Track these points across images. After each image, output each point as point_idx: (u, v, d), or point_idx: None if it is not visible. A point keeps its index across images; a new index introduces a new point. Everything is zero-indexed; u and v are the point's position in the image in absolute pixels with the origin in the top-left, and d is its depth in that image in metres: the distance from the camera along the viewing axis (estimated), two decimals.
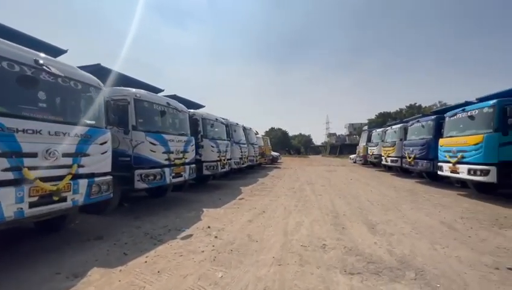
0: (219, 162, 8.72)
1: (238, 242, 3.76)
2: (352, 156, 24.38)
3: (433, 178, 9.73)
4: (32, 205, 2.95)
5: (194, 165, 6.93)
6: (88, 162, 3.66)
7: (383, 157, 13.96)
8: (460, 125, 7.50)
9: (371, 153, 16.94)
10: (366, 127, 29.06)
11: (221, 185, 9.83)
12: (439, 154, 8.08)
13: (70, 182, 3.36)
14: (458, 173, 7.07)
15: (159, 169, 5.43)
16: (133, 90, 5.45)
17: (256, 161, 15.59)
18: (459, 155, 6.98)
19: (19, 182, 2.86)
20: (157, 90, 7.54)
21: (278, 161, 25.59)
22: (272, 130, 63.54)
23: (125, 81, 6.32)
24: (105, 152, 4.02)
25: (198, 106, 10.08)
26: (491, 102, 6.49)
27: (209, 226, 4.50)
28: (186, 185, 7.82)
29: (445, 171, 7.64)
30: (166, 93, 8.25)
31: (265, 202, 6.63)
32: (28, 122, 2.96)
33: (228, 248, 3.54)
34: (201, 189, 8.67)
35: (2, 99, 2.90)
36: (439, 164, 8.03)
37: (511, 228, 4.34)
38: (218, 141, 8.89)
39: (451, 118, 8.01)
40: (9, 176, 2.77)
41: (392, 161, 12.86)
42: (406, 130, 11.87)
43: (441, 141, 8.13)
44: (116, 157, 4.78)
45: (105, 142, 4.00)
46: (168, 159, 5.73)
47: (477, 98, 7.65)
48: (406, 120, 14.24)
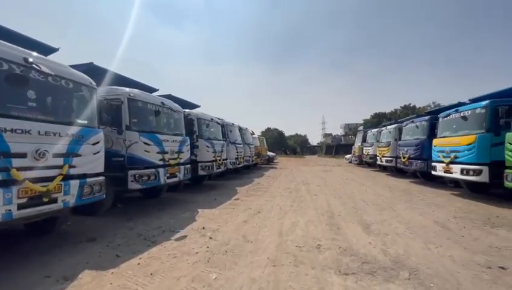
0: (214, 163, 8.67)
1: (232, 243, 3.73)
2: (347, 156, 24.53)
3: (427, 178, 9.82)
4: (21, 207, 2.88)
5: (189, 165, 6.88)
6: (80, 163, 3.59)
7: (378, 158, 14.07)
8: (454, 126, 7.59)
9: (366, 153, 17.06)
10: (361, 128, 29.33)
11: (217, 185, 9.78)
12: (433, 155, 8.16)
13: (61, 183, 3.29)
14: (451, 173, 7.15)
15: (153, 169, 5.37)
16: (127, 89, 5.38)
17: (252, 161, 15.58)
18: (453, 155, 7.06)
19: (7, 183, 2.78)
20: (151, 90, 7.46)
21: (274, 161, 25.63)
22: (268, 130, 63.68)
23: (119, 80, 6.23)
24: (98, 152, 3.95)
25: (194, 105, 10.02)
26: (484, 103, 6.58)
27: (203, 227, 4.47)
28: (181, 185, 7.76)
29: (439, 171, 7.73)
30: (161, 92, 8.18)
31: (260, 202, 6.61)
32: (17, 122, 2.89)
33: (223, 249, 3.51)
34: (197, 189, 8.61)
35: None
36: (433, 164, 8.12)
37: (503, 227, 4.40)
38: (213, 141, 8.84)
39: (444, 119, 8.10)
40: None
41: (386, 161, 12.96)
42: (400, 131, 11.98)
43: (434, 141, 8.22)
44: (109, 158, 4.71)
45: (97, 142, 3.94)
46: (162, 160, 5.68)
47: (470, 99, 7.75)
48: (400, 120, 14.38)
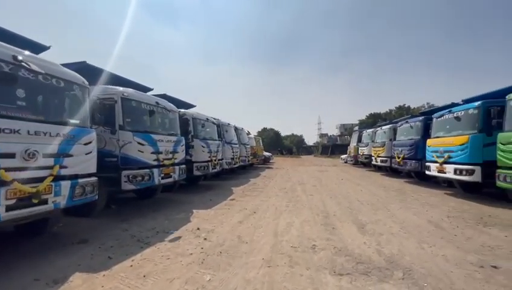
0: (210, 163, 8.62)
1: (227, 244, 3.70)
2: (343, 156, 24.68)
3: (421, 178, 9.92)
4: (9, 208, 2.81)
5: (184, 165, 6.82)
6: (71, 163, 3.52)
7: (373, 158, 14.16)
8: (447, 126, 7.68)
9: (361, 153, 17.17)
10: (356, 128, 29.55)
11: (213, 185, 9.73)
12: (427, 155, 8.24)
13: (52, 183, 3.22)
14: (445, 173, 7.23)
15: (147, 170, 5.31)
16: (120, 88, 5.31)
17: (248, 161, 15.54)
18: (446, 155, 7.14)
19: None
20: (146, 89, 7.39)
21: (270, 161, 25.63)
22: (264, 130, 63.71)
23: (113, 79, 6.13)
24: (90, 152, 3.88)
25: (189, 105, 9.95)
26: (476, 104, 6.67)
27: (198, 228, 4.43)
28: (176, 186, 7.70)
29: (433, 171, 7.81)
30: (156, 92, 8.11)
31: (256, 202, 6.59)
32: (5, 121, 2.80)
33: (217, 250, 3.48)
34: (192, 190, 8.55)
35: None
36: (427, 163, 8.20)
37: (495, 226, 4.46)
38: (209, 141, 8.79)
39: (438, 119, 8.19)
40: None
41: (381, 161, 13.06)
42: (395, 131, 12.08)
43: (428, 142, 8.30)
44: (102, 158, 4.64)
45: (90, 142, 3.87)
46: (156, 160, 5.61)
47: (463, 100, 7.86)
48: (395, 121, 14.51)
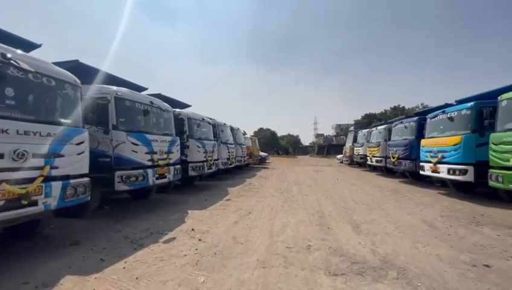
0: (205, 163, 8.57)
1: (222, 245, 3.67)
2: (339, 157, 24.80)
3: (415, 178, 10.01)
4: None
5: (179, 165, 6.77)
6: (62, 163, 3.45)
7: (368, 158, 14.26)
8: (441, 127, 7.76)
9: (356, 153, 17.27)
10: (352, 128, 29.69)
11: (208, 186, 9.68)
12: (421, 155, 8.32)
13: (42, 184, 3.15)
14: (439, 173, 7.31)
15: (141, 170, 5.25)
16: (114, 88, 5.24)
17: (244, 162, 15.52)
18: (440, 155, 7.22)
19: None
20: (140, 89, 7.31)
21: (266, 161, 25.63)
22: (261, 130, 63.68)
23: (106, 79, 6.05)
24: (82, 153, 3.81)
25: (184, 105, 9.88)
26: (469, 104, 6.75)
27: (193, 229, 4.39)
28: (171, 186, 7.64)
29: (427, 170, 7.88)
30: (153, 92, 8.03)
31: (252, 202, 6.57)
32: None
33: (212, 251, 3.45)
34: (187, 190, 8.49)
35: None
36: (421, 163, 8.28)
37: (487, 225, 4.51)
38: (204, 141, 8.74)
39: (432, 120, 8.27)
40: None
41: (376, 161, 13.15)
42: (390, 131, 12.17)
43: (422, 142, 8.38)
44: (95, 158, 4.58)
45: (82, 142, 3.80)
46: (151, 160, 5.55)
47: (456, 101, 7.95)
48: (390, 121, 14.62)
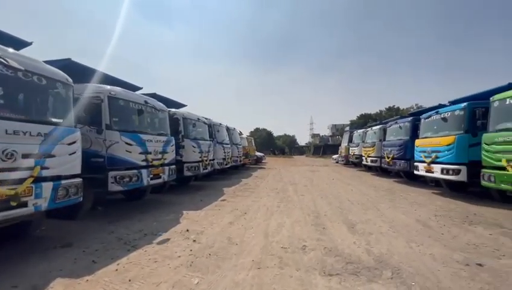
0: (201, 163, 8.52)
1: (217, 245, 3.64)
2: (334, 157, 24.92)
3: (410, 177, 10.12)
4: None
5: (174, 166, 6.71)
6: (53, 164, 3.38)
7: (363, 158, 14.36)
8: (435, 127, 7.85)
9: (352, 153, 17.38)
10: (348, 128, 29.88)
11: (204, 186, 9.62)
12: (415, 155, 8.40)
13: (32, 185, 3.08)
14: (433, 173, 7.39)
15: (135, 170, 5.18)
16: (108, 87, 5.16)
17: (240, 162, 15.48)
18: (434, 155, 7.30)
19: None
20: (135, 88, 7.23)
21: (263, 162, 25.63)
22: (257, 130, 63.75)
23: (100, 78, 5.96)
24: (74, 153, 3.75)
25: (180, 105, 9.81)
26: (462, 105, 6.84)
27: (187, 230, 4.34)
28: (166, 186, 7.58)
29: (421, 170, 7.96)
30: (149, 91, 7.94)
31: (247, 203, 6.55)
32: None
33: (206, 252, 3.41)
34: (183, 190, 8.42)
35: None
36: (415, 163, 8.36)
37: (480, 224, 4.57)
38: (200, 141, 8.68)
39: (426, 120, 8.36)
40: None
41: (372, 161, 13.25)
42: (385, 131, 12.27)
43: (416, 142, 8.47)
44: (88, 158, 4.51)
45: (74, 142, 3.73)
46: (145, 160, 5.49)
47: (450, 101, 8.05)
48: (385, 121, 14.76)
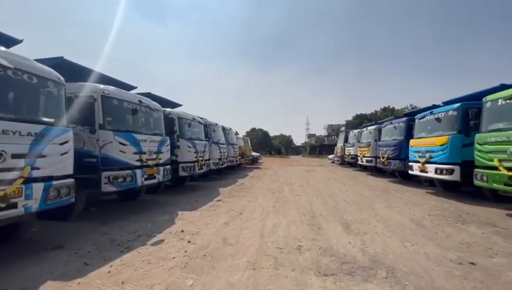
0: (196, 163, 8.46)
1: (212, 246, 3.61)
2: (330, 157, 25.06)
3: (404, 177, 10.20)
4: None
5: (169, 166, 6.64)
6: (44, 164, 3.31)
7: (359, 158, 14.43)
8: (429, 127, 7.93)
9: (347, 153, 17.48)
10: (343, 128, 30.03)
11: (199, 186, 9.56)
12: (410, 155, 8.48)
13: (22, 186, 3.01)
14: (427, 172, 7.46)
15: (129, 171, 5.11)
16: (101, 86, 5.09)
17: (236, 162, 15.44)
18: (428, 155, 7.37)
19: None
20: (129, 88, 7.13)
21: (259, 162, 25.59)
22: (253, 130, 63.63)
23: (93, 77, 5.87)
24: (66, 153, 3.68)
25: (175, 104, 9.74)
26: (455, 105, 6.92)
27: (182, 230, 4.30)
28: (161, 187, 7.51)
29: (415, 170, 8.04)
30: (143, 91, 7.85)
31: (243, 203, 6.52)
32: None
33: (201, 253, 3.38)
34: (178, 191, 8.35)
35: None
36: (410, 163, 8.43)
37: (473, 223, 4.63)
38: (195, 141, 8.63)
39: (420, 120, 8.44)
40: None
41: (367, 161, 13.34)
42: (380, 131, 12.36)
43: (411, 142, 8.54)
44: (80, 159, 4.43)
45: (65, 142, 3.66)
46: (139, 160, 5.42)
47: (443, 102, 8.14)
48: (380, 122, 14.86)
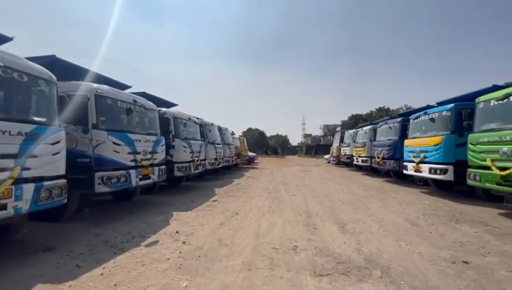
0: (192, 163, 8.41)
1: (207, 247, 3.58)
2: (326, 156, 25.16)
3: (399, 177, 10.28)
4: None
5: (164, 166, 6.58)
6: (35, 165, 3.25)
7: (354, 158, 14.52)
8: (423, 127, 8.01)
9: (343, 153, 17.57)
10: (339, 128, 30.20)
11: (195, 186, 9.51)
12: (404, 155, 8.55)
13: (12, 187, 2.94)
14: (421, 172, 7.53)
15: (123, 171, 5.05)
16: (95, 85, 5.02)
17: (232, 162, 15.40)
18: (422, 155, 7.44)
19: None
20: (124, 87, 7.04)
21: (255, 162, 25.60)
22: (249, 130, 63.67)
23: (87, 76, 5.78)
24: (58, 153, 3.61)
25: (170, 104, 9.66)
26: (449, 106, 7.00)
27: (177, 231, 4.26)
28: (156, 187, 7.44)
29: (410, 170, 8.11)
30: (136, 90, 7.76)
31: (239, 203, 6.50)
32: None
33: (196, 254, 3.35)
34: (174, 191, 8.29)
35: None
36: (405, 163, 8.50)
37: (466, 222, 4.68)
38: (191, 141, 8.57)
39: (415, 121, 8.52)
40: None
41: (362, 161, 13.42)
42: (375, 132, 12.45)
43: (405, 142, 8.62)
44: (73, 159, 4.37)
45: (57, 142, 3.59)
46: (134, 160, 5.36)
47: (437, 102, 8.23)
48: (375, 122, 14.97)
